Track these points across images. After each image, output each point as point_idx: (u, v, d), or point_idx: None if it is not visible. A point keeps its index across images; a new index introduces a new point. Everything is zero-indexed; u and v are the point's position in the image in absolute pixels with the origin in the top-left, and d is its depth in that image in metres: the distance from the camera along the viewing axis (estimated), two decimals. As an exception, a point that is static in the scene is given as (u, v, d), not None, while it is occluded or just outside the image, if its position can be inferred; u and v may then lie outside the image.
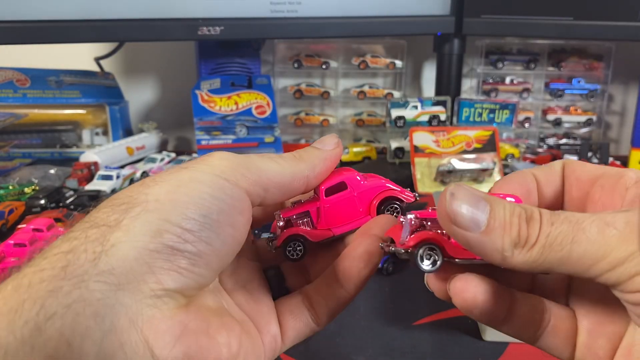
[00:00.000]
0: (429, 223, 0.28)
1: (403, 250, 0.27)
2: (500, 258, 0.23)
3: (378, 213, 0.33)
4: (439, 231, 0.27)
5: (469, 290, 0.25)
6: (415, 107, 0.97)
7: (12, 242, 0.65)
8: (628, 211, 0.22)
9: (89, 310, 0.22)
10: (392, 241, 0.29)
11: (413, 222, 0.28)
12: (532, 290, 0.29)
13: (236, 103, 1.00)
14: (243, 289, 0.30)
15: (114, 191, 0.88)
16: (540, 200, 0.29)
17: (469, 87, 1.22)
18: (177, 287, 0.24)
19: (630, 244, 0.21)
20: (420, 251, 0.27)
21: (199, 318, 0.25)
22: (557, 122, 1.17)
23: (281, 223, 0.32)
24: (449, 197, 0.24)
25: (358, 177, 0.34)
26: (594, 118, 1.16)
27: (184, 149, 1.26)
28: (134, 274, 0.23)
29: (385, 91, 1.18)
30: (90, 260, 0.22)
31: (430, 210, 0.28)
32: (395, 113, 0.97)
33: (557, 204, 0.29)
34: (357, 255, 0.31)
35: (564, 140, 1.15)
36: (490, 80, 1.16)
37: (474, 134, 0.91)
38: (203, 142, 0.97)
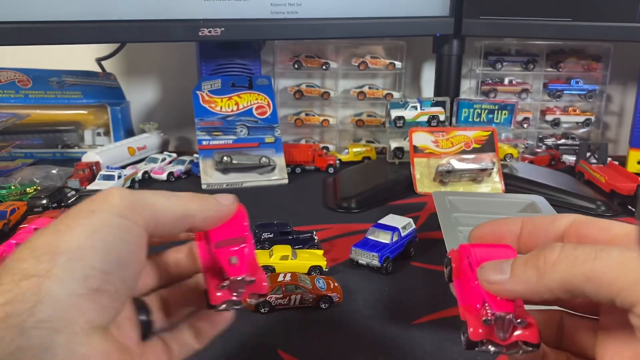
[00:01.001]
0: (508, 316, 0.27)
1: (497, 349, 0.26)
2: (534, 282, 0.25)
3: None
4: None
5: None
6: (415, 107, 0.98)
7: (14, 241, 0.65)
8: None
9: (30, 355, 0.24)
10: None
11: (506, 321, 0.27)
12: (559, 346, 0.30)
13: (237, 103, 1.01)
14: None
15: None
16: (522, 248, 0.30)
17: (468, 87, 1.23)
18: (102, 323, 0.27)
19: None
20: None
21: (118, 346, 0.28)
22: (556, 123, 1.17)
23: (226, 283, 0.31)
24: (479, 270, 0.27)
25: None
26: (593, 118, 1.17)
27: (185, 149, 1.27)
28: (68, 318, 0.25)
29: (385, 92, 1.18)
30: (28, 309, 0.25)
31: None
32: (394, 113, 0.98)
33: None
34: None
35: (562, 141, 1.16)
36: (489, 81, 1.17)
37: (472, 134, 0.92)
38: (204, 143, 0.97)
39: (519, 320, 0.26)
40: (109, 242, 0.28)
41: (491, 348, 0.26)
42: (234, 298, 0.30)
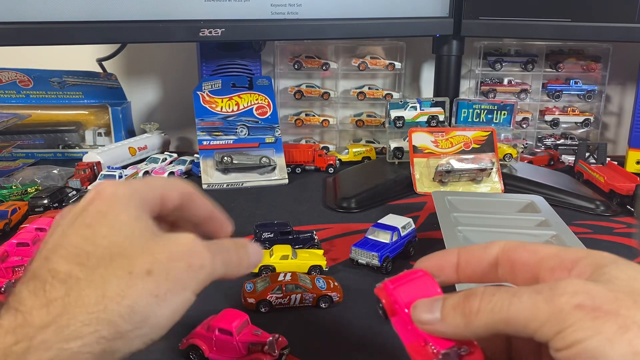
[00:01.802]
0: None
1: None
2: (463, 328, 0.28)
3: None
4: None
5: None
6: (414, 107, 0.98)
7: (15, 241, 0.65)
8: (556, 280, 0.26)
9: None
10: None
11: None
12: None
13: (237, 104, 1.01)
14: None
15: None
16: (461, 277, 0.32)
17: (467, 88, 1.23)
18: None
19: (553, 306, 0.25)
20: None
21: None
22: (555, 123, 1.18)
23: None
24: (412, 310, 0.29)
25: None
26: (592, 119, 1.17)
27: (185, 150, 1.27)
28: None
29: (385, 92, 1.19)
30: None
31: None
32: (394, 114, 0.98)
33: (489, 280, 0.31)
34: None
35: (561, 141, 1.16)
36: (489, 81, 1.17)
37: (472, 134, 0.92)
38: (205, 143, 0.98)
39: (462, 350, 0.28)
40: None
41: None
42: None
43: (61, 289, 0.28)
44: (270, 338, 0.46)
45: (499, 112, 0.97)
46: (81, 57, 1.18)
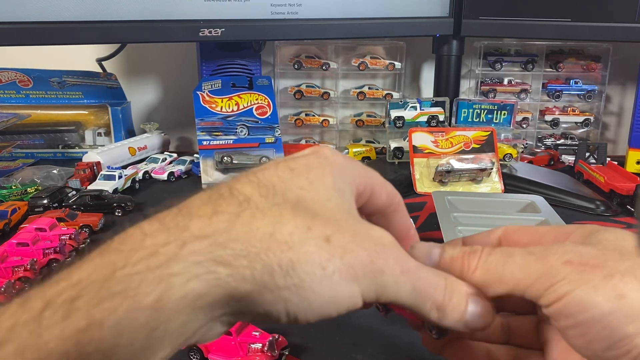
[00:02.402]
0: None
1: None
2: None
3: None
4: None
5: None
6: (414, 107, 0.98)
7: (15, 241, 0.65)
8: (549, 245, 0.28)
9: None
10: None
11: None
12: (509, 342, 0.33)
13: (237, 104, 1.01)
14: None
15: (115, 191, 0.89)
16: None
17: (467, 88, 1.23)
18: None
19: (544, 265, 0.26)
20: None
21: None
22: (555, 123, 1.18)
23: None
24: (410, 250, 0.29)
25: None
26: (592, 119, 1.17)
27: (185, 149, 1.27)
28: None
29: (385, 92, 1.19)
30: None
31: None
32: (394, 114, 0.98)
33: None
34: None
35: (561, 141, 1.16)
36: (489, 81, 1.17)
37: (472, 134, 0.92)
38: (204, 143, 0.98)
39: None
40: None
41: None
42: None
43: (234, 207, 0.25)
44: (270, 338, 0.46)
45: (499, 112, 0.97)
46: (81, 57, 1.18)
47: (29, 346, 0.21)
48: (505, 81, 1.17)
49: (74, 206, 0.81)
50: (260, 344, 0.46)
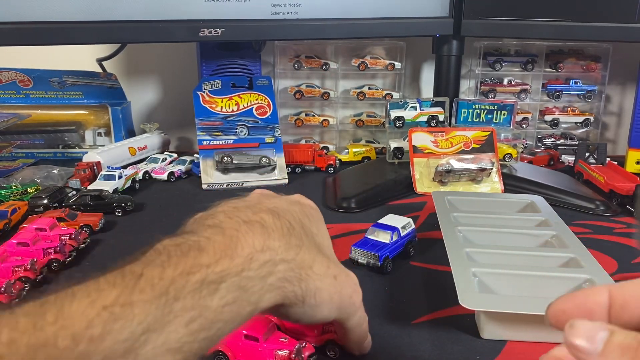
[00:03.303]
0: None
1: None
2: None
3: None
4: None
5: None
6: (414, 107, 0.98)
7: (15, 241, 0.65)
8: None
9: None
10: None
11: None
12: None
13: (237, 104, 1.01)
14: None
15: (115, 191, 0.89)
16: (616, 322, 0.26)
17: (467, 88, 1.23)
18: None
19: None
20: None
21: None
22: (555, 123, 1.18)
23: None
24: (568, 329, 0.24)
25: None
26: (592, 119, 1.17)
27: (185, 149, 1.27)
28: None
29: (385, 92, 1.19)
30: None
31: None
32: (394, 114, 0.98)
33: None
34: None
35: (561, 141, 1.16)
36: (488, 81, 1.17)
37: (472, 134, 0.92)
38: (204, 143, 0.98)
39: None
40: None
41: None
42: None
43: (296, 240, 0.38)
44: (297, 345, 0.45)
45: (499, 112, 0.97)
46: (81, 57, 1.18)
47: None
48: (505, 81, 1.17)
49: (74, 206, 0.81)
50: (288, 351, 0.45)
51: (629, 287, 0.26)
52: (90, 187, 0.89)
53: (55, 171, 0.96)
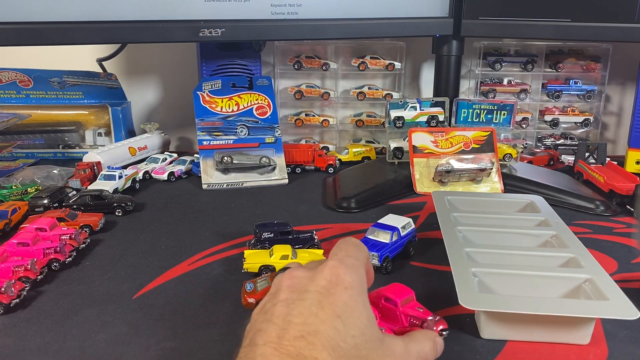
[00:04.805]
0: None
1: None
2: None
3: None
4: None
5: None
6: (414, 107, 0.98)
7: (15, 241, 0.66)
8: None
9: None
10: None
11: None
12: None
13: (237, 104, 1.01)
14: None
15: (116, 191, 0.89)
16: None
17: (467, 88, 1.23)
18: None
19: None
20: None
21: None
22: (555, 123, 1.18)
23: None
24: None
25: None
26: (591, 119, 1.17)
27: (185, 150, 1.27)
28: None
29: (385, 92, 1.19)
30: None
31: None
32: (394, 114, 0.98)
33: None
34: None
35: (561, 141, 1.16)
36: (488, 81, 1.17)
37: (471, 134, 0.92)
38: (205, 143, 0.98)
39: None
40: None
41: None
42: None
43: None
44: (431, 317, 0.48)
45: (498, 112, 0.97)
46: (81, 57, 1.18)
47: None
48: (505, 81, 1.17)
49: (74, 206, 0.81)
50: (421, 320, 0.48)
51: None
52: (90, 187, 0.89)
53: (55, 171, 0.96)
